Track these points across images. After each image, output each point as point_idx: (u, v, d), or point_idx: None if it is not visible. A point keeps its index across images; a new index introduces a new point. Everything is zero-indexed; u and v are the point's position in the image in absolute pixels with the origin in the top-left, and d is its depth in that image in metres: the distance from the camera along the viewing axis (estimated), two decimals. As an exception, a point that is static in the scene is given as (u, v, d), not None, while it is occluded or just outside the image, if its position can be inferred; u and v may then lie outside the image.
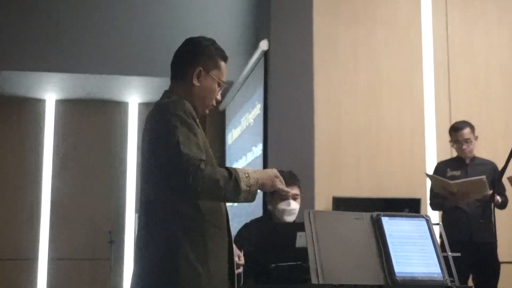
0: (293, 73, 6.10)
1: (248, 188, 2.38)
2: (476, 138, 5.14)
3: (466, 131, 5.10)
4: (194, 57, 2.63)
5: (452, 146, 5.23)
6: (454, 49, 6.23)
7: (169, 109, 2.43)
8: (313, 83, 5.90)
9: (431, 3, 6.26)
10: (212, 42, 2.71)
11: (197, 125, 2.46)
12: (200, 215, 2.41)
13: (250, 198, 2.41)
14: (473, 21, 6.32)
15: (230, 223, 2.60)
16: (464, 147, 5.08)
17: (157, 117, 2.46)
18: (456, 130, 5.13)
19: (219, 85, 2.66)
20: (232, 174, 2.35)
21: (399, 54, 6.13)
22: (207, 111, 2.67)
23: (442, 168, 5.21)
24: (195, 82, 2.59)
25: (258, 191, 2.43)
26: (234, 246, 2.60)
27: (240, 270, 2.92)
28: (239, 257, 2.96)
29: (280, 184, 2.54)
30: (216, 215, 2.48)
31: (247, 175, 2.39)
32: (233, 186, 2.34)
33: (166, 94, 2.63)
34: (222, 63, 2.68)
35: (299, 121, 5.98)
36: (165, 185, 2.38)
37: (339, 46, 6.04)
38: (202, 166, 2.29)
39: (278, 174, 2.54)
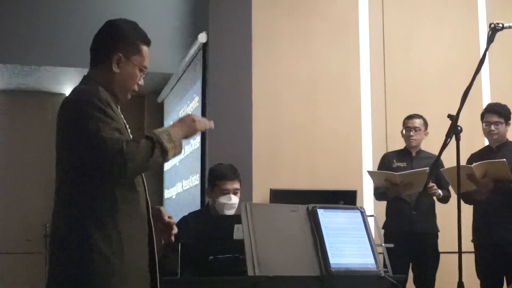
0: (231, 66, 6.10)
1: (173, 145, 2.36)
2: (426, 133, 5.26)
3: (418, 120, 5.24)
4: (114, 42, 2.50)
5: (402, 136, 5.32)
6: (390, 44, 6.35)
7: (84, 98, 2.35)
8: (251, 76, 5.92)
9: (368, 0, 6.35)
10: (134, 25, 2.60)
11: (114, 111, 2.39)
12: (115, 206, 2.34)
13: (178, 152, 2.40)
14: (409, 17, 6.44)
15: (170, 215, 2.57)
16: (412, 133, 5.19)
17: (71, 107, 2.37)
18: (409, 117, 5.27)
19: (141, 70, 2.55)
20: (154, 140, 2.31)
21: (336, 48, 6.21)
22: (129, 96, 2.57)
23: (388, 158, 5.32)
24: (115, 68, 2.48)
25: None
26: (177, 235, 2.56)
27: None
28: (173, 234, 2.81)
29: (201, 124, 2.50)
30: (133, 204, 2.41)
31: (167, 133, 2.37)
32: (160, 151, 2.31)
33: (84, 80, 2.53)
34: (144, 48, 2.57)
35: (237, 114, 5.99)
36: (82, 174, 2.32)
37: (277, 40, 6.08)
38: (125, 144, 2.25)
39: (194, 117, 2.51)
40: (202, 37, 6.33)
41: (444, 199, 5.13)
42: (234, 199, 4.05)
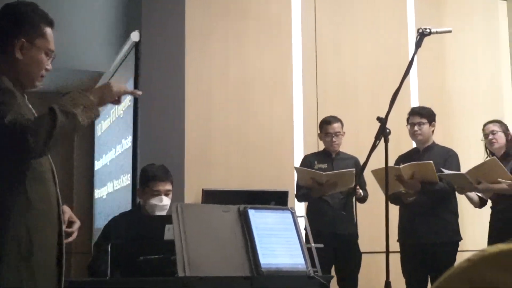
0: (164, 66, 6.07)
1: (81, 108, 2.25)
2: (343, 133, 5.34)
3: (337, 125, 5.29)
4: (15, 27, 2.36)
5: (321, 139, 5.39)
6: (322, 46, 6.43)
7: None
8: (184, 76, 5.90)
9: (300, 1, 6.41)
10: (34, 7, 2.44)
11: (18, 100, 2.29)
12: (26, 204, 2.27)
13: (94, 114, 2.31)
14: (341, 19, 6.54)
15: (100, 215, 2.54)
16: (334, 139, 5.26)
17: None
18: (328, 123, 5.31)
19: (47, 54, 2.42)
20: (55, 109, 2.19)
21: (270, 49, 6.24)
22: (37, 84, 2.45)
23: (309, 160, 5.37)
24: (19, 55, 2.35)
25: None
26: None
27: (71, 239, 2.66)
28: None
29: (118, 86, 2.41)
30: (44, 203, 2.34)
31: (70, 98, 2.27)
32: (65, 116, 2.19)
33: None
34: (48, 30, 2.43)
35: (170, 113, 5.96)
36: None
37: (211, 39, 6.07)
38: (29, 122, 2.16)
39: (112, 82, 2.42)
40: (135, 36, 6.28)
41: (363, 199, 5.23)
42: (166, 201, 4.03)
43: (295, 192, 5.39)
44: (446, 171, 4.75)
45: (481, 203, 4.92)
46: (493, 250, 1.14)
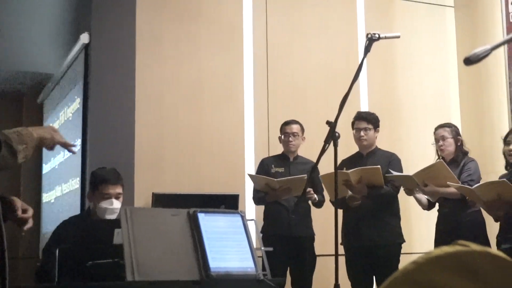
0: (114, 68, 6.01)
1: (24, 146, 2.24)
2: (303, 139, 5.37)
3: (295, 126, 5.33)
4: None
5: (280, 141, 5.41)
6: (273, 50, 6.45)
7: None
8: (135, 79, 5.85)
9: (252, 6, 6.43)
10: None
11: None
12: None
13: (29, 154, 2.29)
14: (292, 23, 6.57)
15: (47, 220, 2.49)
16: (291, 139, 5.28)
17: None
18: (286, 124, 5.35)
19: None
20: (1, 141, 2.18)
21: (221, 52, 6.24)
22: None
23: (266, 164, 5.39)
24: None
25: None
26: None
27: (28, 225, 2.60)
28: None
29: (61, 138, 2.42)
30: None
31: (18, 133, 2.25)
32: (8, 151, 2.19)
33: None
34: None
35: (120, 116, 5.91)
36: None
37: (162, 42, 6.04)
38: None
39: (55, 128, 2.43)
40: (84, 38, 6.22)
41: (319, 204, 5.27)
42: (116, 204, 3.99)
43: (252, 196, 5.42)
44: (395, 173, 4.82)
45: (429, 205, 5.00)
46: (438, 252, 1.16)
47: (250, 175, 5.33)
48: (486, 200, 4.29)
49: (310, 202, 5.24)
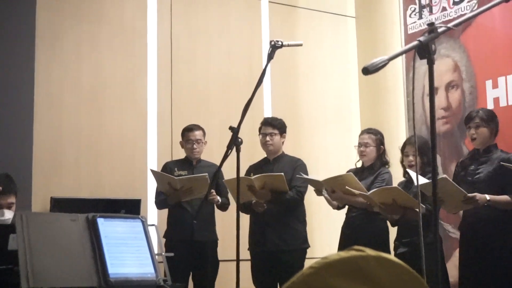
0: (12, 67, 5.81)
1: None
2: (205, 143, 5.36)
3: (198, 132, 5.32)
4: None
5: (182, 146, 5.38)
6: (177, 55, 6.42)
7: None
8: (33, 79, 5.69)
9: (156, 9, 6.38)
10: None
11: None
12: None
13: None
14: (196, 29, 6.57)
15: None
16: (195, 146, 5.27)
17: None
18: (189, 130, 5.32)
19: None
20: None
21: (123, 55, 6.16)
22: None
23: (169, 167, 5.35)
24: None
25: None
26: None
27: None
28: None
29: None
30: None
31: None
32: None
33: None
34: None
35: (17, 117, 5.71)
36: None
37: (62, 42, 5.90)
38: None
39: None
40: (-19, 35, 5.99)
41: (223, 207, 5.28)
42: (8, 214, 3.85)
43: (154, 199, 5.35)
44: (305, 176, 4.91)
45: (339, 206, 5.12)
46: (334, 257, 1.19)
47: (153, 171, 5.27)
48: (382, 204, 4.48)
49: (215, 206, 5.24)
